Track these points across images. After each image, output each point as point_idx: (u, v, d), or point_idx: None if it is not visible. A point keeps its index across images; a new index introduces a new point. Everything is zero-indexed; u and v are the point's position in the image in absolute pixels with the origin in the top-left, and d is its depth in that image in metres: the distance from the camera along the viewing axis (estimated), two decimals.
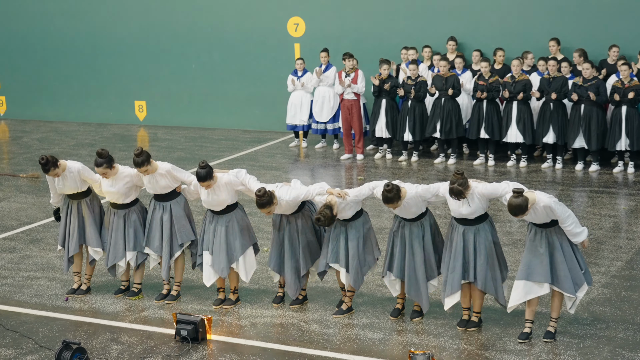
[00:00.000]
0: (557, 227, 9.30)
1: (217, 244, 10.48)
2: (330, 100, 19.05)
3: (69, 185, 10.84)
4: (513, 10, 18.99)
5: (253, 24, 21.45)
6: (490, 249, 9.64)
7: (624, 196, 15.13)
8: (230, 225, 10.49)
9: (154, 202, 10.83)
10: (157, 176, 10.59)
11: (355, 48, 19.56)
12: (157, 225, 10.80)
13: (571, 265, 9.34)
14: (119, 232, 10.90)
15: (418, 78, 17.69)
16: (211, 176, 10.17)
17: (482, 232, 9.64)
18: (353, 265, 10.15)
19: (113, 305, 10.89)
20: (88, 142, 20.85)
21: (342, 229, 10.18)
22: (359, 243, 10.16)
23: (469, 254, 9.64)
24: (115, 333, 10.10)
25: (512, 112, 17.09)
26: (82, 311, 10.76)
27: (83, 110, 23.61)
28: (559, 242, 9.32)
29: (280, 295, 10.81)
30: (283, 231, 10.46)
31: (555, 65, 16.80)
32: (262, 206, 9.89)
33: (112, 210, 10.94)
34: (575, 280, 9.36)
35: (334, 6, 20.64)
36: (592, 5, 18.34)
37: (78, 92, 23.61)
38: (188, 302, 10.93)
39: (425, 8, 19.73)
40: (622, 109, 16.28)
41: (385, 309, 10.49)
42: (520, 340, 9.51)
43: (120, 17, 22.78)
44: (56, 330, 10.23)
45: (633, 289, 10.93)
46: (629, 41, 17.71)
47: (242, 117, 21.93)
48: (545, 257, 9.32)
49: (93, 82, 23.37)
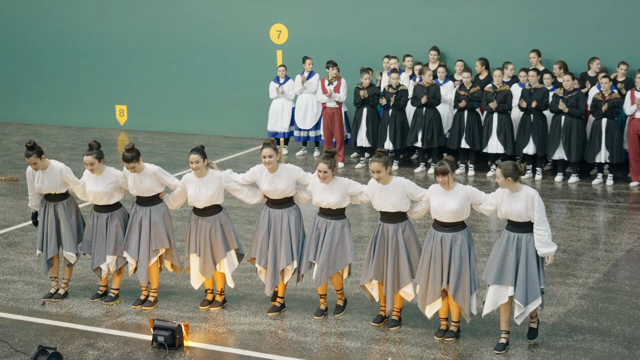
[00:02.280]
0: (530, 235, 9.39)
1: (202, 246, 10.56)
2: (314, 107, 19.07)
3: (47, 184, 10.79)
4: (495, 21, 19.07)
5: (236, 30, 21.45)
6: (463, 258, 9.62)
7: (602, 208, 15.20)
8: (214, 227, 10.54)
9: (135, 206, 10.81)
10: (143, 176, 10.58)
11: (337, 56, 19.58)
12: (136, 229, 10.77)
13: (531, 277, 9.39)
14: (99, 236, 10.87)
15: (399, 87, 17.72)
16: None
17: (459, 240, 9.62)
18: (320, 261, 10.20)
19: (90, 311, 10.84)
20: (68, 145, 20.77)
21: (322, 228, 10.24)
22: (332, 242, 10.18)
23: (445, 260, 9.64)
24: (92, 338, 10.05)
25: (492, 122, 17.15)
26: (59, 316, 10.70)
27: (64, 114, 23.53)
28: (526, 251, 9.40)
29: (277, 306, 10.76)
30: (269, 225, 10.46)
31: (535, 76, 16.87)
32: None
33: (95, 214, 10.90)
34: (530, 292, 9.41)
35: (317, 14, 20.66)
36: (572, 17, 18.44)
37: (59, 95, 23.53)
38: (166, 307, 10.89)
39: (407, 17, 19.77)
40: (602, 121, 16.36)
41: (363, 318, 10.49)
42: (497, 352, 9.53)
43: (102, 20, 22.72)
44: (32, 334, 10.17)
45: (610, 300, 10.97)
46: (609, 54, 17.82)
47: (224, 123, 21.90)
48: (513, 261, 9.41)
49: (74, 85, 23.30)
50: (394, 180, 9.91)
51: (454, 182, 9.59)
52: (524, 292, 9.38)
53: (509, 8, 18.94)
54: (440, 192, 9.64)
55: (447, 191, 9.58)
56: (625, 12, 18.05)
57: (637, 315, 10.49)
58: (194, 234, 10.64)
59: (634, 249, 12.96)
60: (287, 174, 10.38)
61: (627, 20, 18.04)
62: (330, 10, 20.52)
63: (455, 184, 9.60)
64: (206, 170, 10.51)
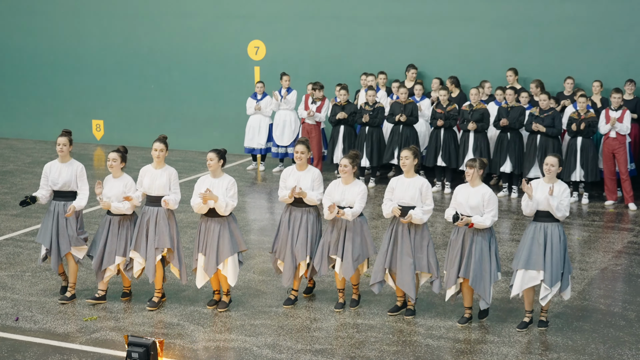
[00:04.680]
0: (554, 225, 10.48)
1: (208, 246, 11.04)
2: (291, 124, 19.10)
3: (63, 177, 11.36)
4: (472, 40, 19.19)
5: (214, 46, 21.46)
6: (484, 251, 10.51)
7: (577, 227, 15.27)
8: (222, 228, 11.02)
9: (144, 207, 11.32)
10: (162, 171, 11.27)
11: (314, 73, 19.64)
12: (144, 229, 11.21)
13: (555, 262, 10.35)
14: (113, 238, 11.28)
15: (376, 104, 17.78)
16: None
17: (480, 234, 10.51)
18: (346, 255, 11.01)
19: (64, 327, 10.77)
20: (44, 160, 20.65)
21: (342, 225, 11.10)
22: (354, 238, 11.03)
23: (465, 252, 10.55)
24: (66, 354, 9.98)
25: (469, 140, 17.23)
26: (33, 331, 10.63)
27: (40, 128, 23.43)
28: (551, 239, 10.41)
29: (291, 299, 11.47)
30: (289, 223, 11.32)
31: (512, 94, 16.97)
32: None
33: (108, 217, 11.33)
34: (555, 275, 10.37)
35: (295, 30, 20.71)
36: (548, 37, 18.59)
37: (35, 110, 23.44)
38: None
39: (385, 35, 19.86)
40: (577, 139, 16.46)
41: (338, 335, 10.48)
42: (519, 329, 10.53)
43: (79, 35, 22.68)
44: (5, 350, 10.08)
45: (585, 319, 11.01)
46: (584, 73, 17.98)
47: (201, 138, 21.88)
48: (542, 247, 10.39)
49: (51, 99, 23.22)
50: (418, 177, 11.02)
51: (479, 181, 10.58)
52: (550, 275, 10.35)
53: (486, 27, 19.07)
54: (465, 189, 10.65)
55: (472, 188, 10.58)
56: (599, 32, 18.21)
57: (612, 333, 10.54)
58: (203, 234, 11.11)
59: (609, 267, 13.03)
60: (310, 175, 11.28)
61: (602, 39, 18.21)
62: (308, 27, 20.58)
63: (480, 182, 10.60)
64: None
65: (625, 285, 12.35)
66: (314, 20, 20.53)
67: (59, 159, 11.53)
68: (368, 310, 11.25)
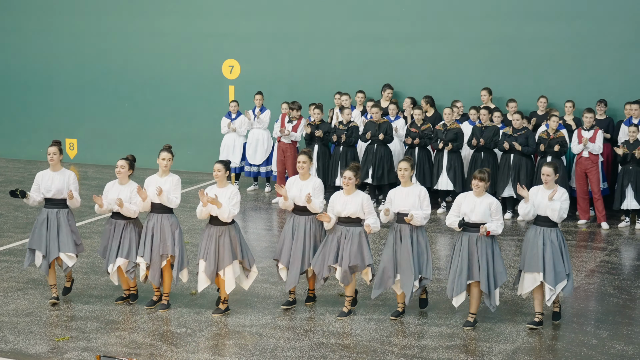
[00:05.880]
0: (553, 229, 11.14)
1: (209, 251, 11.49)
2: (264, 142, 19.10)
3: (56, 185, 11.82)
4: (446, 59, 19.27)
5: (188, 65, 21.44)
6: (489, 256, 11.06)
7: None
8: (224, 235, 11.46)
9: (149, 214, 11.79)
10: (168, 178, 11.84)
11: (289, 92, 19.65)
12: (149, 235, 11.70)
13: (557, 262, 11.07)
14: (115, 240, 11.78)
15: (350, 123, 17.80)
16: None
17: (485, 239, 11.07)
18: (343, 264, 11.47)
19: (35, 347, 10.68)
20: (17, 179, 20.54)
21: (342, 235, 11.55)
22: (351, 247, 11.46)
23: (473, 257, 11.08)
24: None
25: (443, 160, 17.27)
26: (4, 352, 10.52)
27: (12, 147, 23.29)
28: (550, 241, 11.09)
29: (290, 300, 12.03)
30: (292, 229, 11.83)
31: (487, 114, 17.05)
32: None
33: (112, 220, 11.86)
34: (557, 276, 11.05)
35: (269, 50, 20.73)
36: (522, 57, 18.71)
37: (7, 128, 23.31)
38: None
39: (359, 55, 19.92)
40: (547, 159, 16.53)
41: (312, 355, 10.44)
42: (529, 326, 11.19)
43: (52, 53, 22.60)
44: None
45: (558, 338, 11.04)
46: (557, 92, 18.11)
47: (174, 157, 21.70)
48: (540, 250, 11.05)
49: (23, 118, 23.09)
50: (419, 186, 11.57)
51: (484, 192, 11.12)
52: (552, 276, 11.02)
53: (460, 46, 19.17)
54: (470, 198, 11.14)
55: (477, 197, 11.08)
56: (572, 52, 18.35)
57: (584, 353, 10.56)
58: (205, 240, 11.57)
59: (582, 286, 13.07)
60: (312, 184, 11.74)
61: (575, 60, 18.35)
62: (283, 46, 20.61)
63: (485, 193, 11.15)
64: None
65: (598, 304, 12.39)
66: (289, 39, 20.56)
67: (51, 168, 11.99)
68: (343, 329, 11.21)
